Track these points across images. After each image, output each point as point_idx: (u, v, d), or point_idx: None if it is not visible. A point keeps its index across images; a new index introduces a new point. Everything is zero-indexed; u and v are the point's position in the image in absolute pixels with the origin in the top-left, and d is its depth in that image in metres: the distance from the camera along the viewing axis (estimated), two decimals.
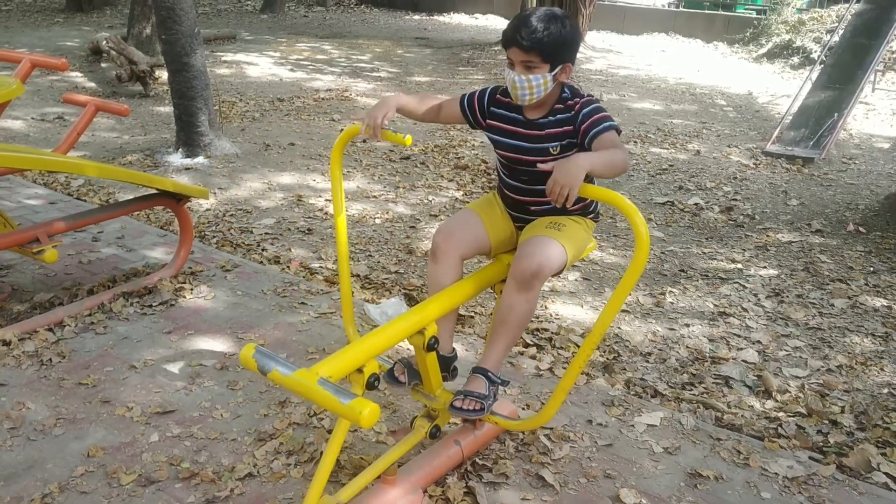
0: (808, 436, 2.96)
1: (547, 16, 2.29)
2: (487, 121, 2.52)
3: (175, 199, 3.70)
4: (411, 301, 3.94)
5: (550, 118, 2.39)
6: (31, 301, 3.55)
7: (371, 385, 2.02)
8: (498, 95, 2.50)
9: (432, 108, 2.59)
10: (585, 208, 2.54)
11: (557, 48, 2.29)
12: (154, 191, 3.68)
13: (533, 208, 2.51)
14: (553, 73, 2.31)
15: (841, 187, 6.51)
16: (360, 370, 2.01)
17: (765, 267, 4.73)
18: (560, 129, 2.38)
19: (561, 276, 4.41)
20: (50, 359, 3.07)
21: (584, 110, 2.34)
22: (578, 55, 10.36)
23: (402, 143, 2.48)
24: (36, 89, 8.37)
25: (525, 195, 2.49)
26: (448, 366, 2.51)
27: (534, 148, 2.41)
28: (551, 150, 2.39)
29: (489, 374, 2.41)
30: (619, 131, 2.32)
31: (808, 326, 3.97)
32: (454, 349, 2.56)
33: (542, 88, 2.32)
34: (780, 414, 3.14)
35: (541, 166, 2.12)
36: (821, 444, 2.92)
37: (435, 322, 2.28)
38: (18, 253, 3.34)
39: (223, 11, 16.52)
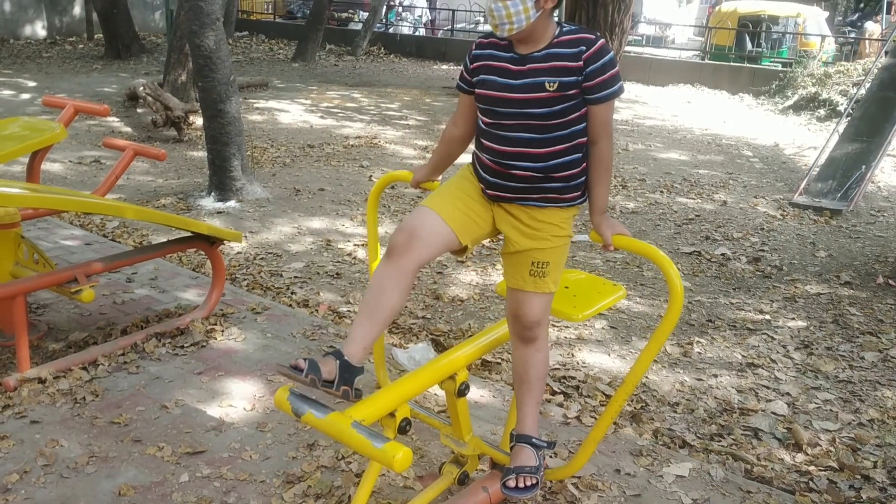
0: (840, 491, 2.92)
1: None
2: (473, 65, 2.28)
3: (209, 243, 3.77)
4: (438, 346, 3.96)
5: (547, 51, 2.15)
6: (67, 340, 3.62)
7: (403, 429, 2.04)
8: (481, 39, 2.29)
9: (452, 131, 2.46)
10: (574, 196, 2.30)
11: None
12: (188, 233, 3.76)
13: (515, 171, 2.22)
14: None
15: (870, 240, 6.47)
16: (392, 414, 2.04)
17: (793, 318, 4.70)
18: (559, 63, 2.13)
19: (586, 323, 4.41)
20: (83, 397, 3.12)
21: (601, 59, 2.11)
22: None
23: None
24: (74, 133, 8.59)
25: (509, 144, 2.21)
26: (352, 378, 2.03)
27: (526, 84, 2.16)
28: (548, 84, 2.13)
29: (533, 440, 2.35)
30: (621, 92, 2.18)
31: (839, 379, 3.93)
32: (363, 365, 2.13)
33: (522, 17, 2.07)
34: (811, 468, 3.10)
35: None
36: (853, 499, 2.88)
37: (362, 329, 2.09)
38: (56, 292, 3.41)
39: (256, 60, 16.90)
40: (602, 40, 2.13)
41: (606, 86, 2.14)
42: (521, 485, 2.26)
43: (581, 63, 2.11)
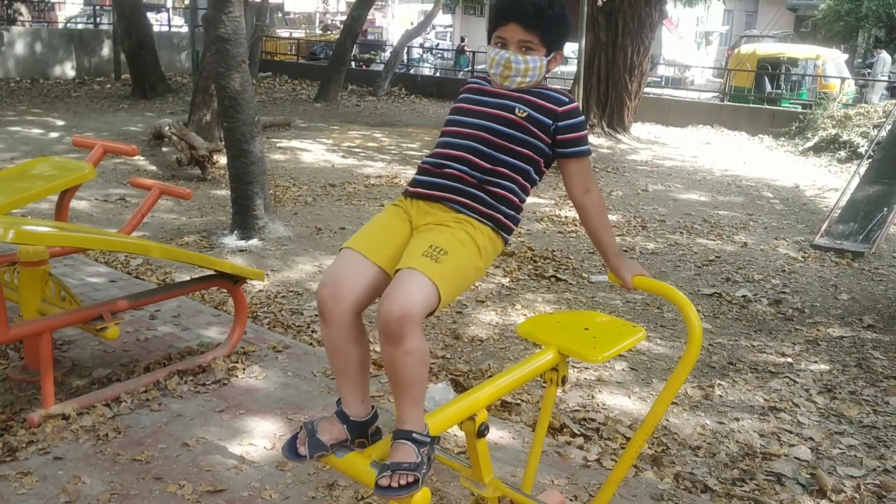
0: None
1: None
2: (461, 93, 2.34)
3: (232, 281, 3.82)
4: (458, 386, 3.96)
5: (529, 90, 2.22)
6: (90, 376, 3.66)
7: None
8: (479, 74, 2.31)
9: None
10: (497, 218, 2.18)
11: (559, 31, 2.15)
12: (211, 272, 3.81)
13: (448, 170, 2.16)
14: (548, 59, 2.19)
15: (892, 282, 6.42)
16: None
17: (816, 362, 4.66)
18: (535, 100, 2.19)
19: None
20: (106, 434, 3.14)
21: (571, 118, 2.19)
22: (623, 146, 10.50)
23: None
24: (101, 171, 8.73)
25: (454, 149, 2.18)
26: (365, 431, 2.05)
27: (497, 102, 2.21)
28: (517, 111, 2.18)
29: (414, 434, 2.00)
30: (590, 153, 2.26)
31: (863, 424, 3.88)
32: (373, 408, 2.10)
33: (535, 73, 2.17)
34: None
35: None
36: None
37: (347, 388, 2.05)
38: (81, 329, 3.46)
39: (279, 100, 17.18)
40: (575, 103, 2.22)
41: (580, 143, 2.21)
42: (396, 484, 1.90)
43: (557, 111, 2.17)
